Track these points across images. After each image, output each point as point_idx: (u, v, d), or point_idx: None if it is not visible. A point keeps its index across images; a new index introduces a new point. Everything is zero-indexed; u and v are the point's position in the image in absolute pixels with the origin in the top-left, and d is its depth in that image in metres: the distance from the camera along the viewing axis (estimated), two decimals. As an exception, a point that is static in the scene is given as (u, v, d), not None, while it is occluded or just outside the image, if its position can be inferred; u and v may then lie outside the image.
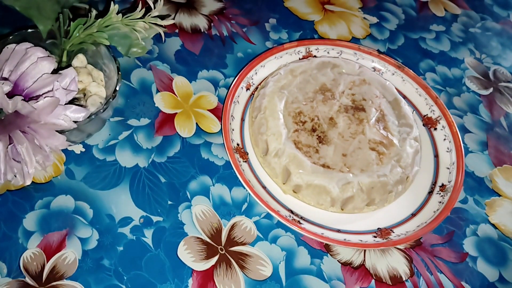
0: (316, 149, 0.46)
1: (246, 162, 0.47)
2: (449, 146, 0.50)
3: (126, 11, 0.44)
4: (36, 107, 0.36)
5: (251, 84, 0.52)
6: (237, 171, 0.44)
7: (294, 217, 0.44)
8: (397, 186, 0.45)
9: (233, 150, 0.46)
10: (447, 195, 0.47)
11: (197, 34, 0.57)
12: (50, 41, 0.43)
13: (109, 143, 0.46)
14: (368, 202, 0.45)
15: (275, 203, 0.45)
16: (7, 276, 0.38)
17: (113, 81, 0.44)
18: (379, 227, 0.45)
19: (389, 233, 0.44)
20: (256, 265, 0.42)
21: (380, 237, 0.44)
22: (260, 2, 0.62)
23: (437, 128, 0.52)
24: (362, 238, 0.43)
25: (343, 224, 0.45)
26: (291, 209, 0.45)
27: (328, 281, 0.43)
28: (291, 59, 0.54)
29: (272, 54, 0.54)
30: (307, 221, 0.44)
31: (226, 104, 0.48)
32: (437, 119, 0.52)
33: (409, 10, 0.67)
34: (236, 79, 0.50)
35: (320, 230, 0.43)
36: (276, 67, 0.54)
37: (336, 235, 0.43)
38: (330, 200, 0.44)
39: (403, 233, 0.44)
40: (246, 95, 0.51)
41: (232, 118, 0.49)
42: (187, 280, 0.40)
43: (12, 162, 0.37)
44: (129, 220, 0.43)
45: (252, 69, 0.52)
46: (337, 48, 0.55)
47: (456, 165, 0.49)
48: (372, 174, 0.44)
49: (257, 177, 0.46)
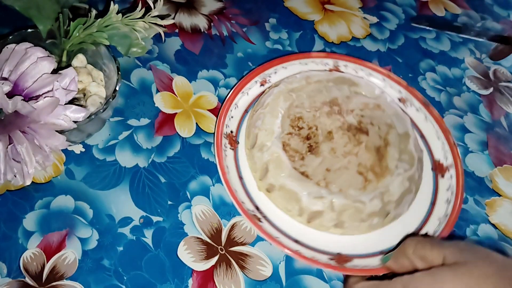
0: (302, 156, 0.45)
1: (232, 150, 0.47)
2: (449, 198, 0.46)
3: (126, 11, 0.43)
4: (36, 107, 0.36)
5: (267, 81, 0.52)
6: (216, 152, 0.43)
7: (257, 214, 0.43)
8: (372, 218, 0.43)
9: (223, 134, 0.46)
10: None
11: (197, 34, 0.57)
12: (50, 41, 0.43)
13: (109, 143, 0.46)
14: (336, 223, 0.42)
15: (243, 194, 0.44)
16: (7, 276, 0.38)
17: (113, 81, 0.44)
18: (339, 252, 0.42)
19: (347, 260, 0.41)
20: (256, 265, 0.42)
21: (336, 262, 0.41)
22: (260, 2, 0.62)
23: (444, 176, 0.48)
24: (316, 255, 0.41)
25: (304, 236, 0.42)
26: (258, 205, 0.44)
27: (328, 281, 0.43)
28: (316, 68, 0.54)
29: (297, 59, 0.53)
30: (268, 221, 0.43)
31: (234, 90, 0.48)
32: (448, 167, 0.48)
33: (409, 10, 0.67)
34: (252, 72, 0.50)
35: (276, 234, 0.42)
36: (298, 72, 0.53)
37: (290, 244, 0.41)
38: (298, 209, 0.43)
39: (362, 265, 0.41)
40: (258, 90, 0.51)
41: (236, 106, 0.49)
42: (187, 280, 0.40)
43: (12, 162, 0.37)
44: (129, 220, 0.43)
45: (272, 66, 0.52)
46: (367, 70, 0.54)
47: (448, 218, 0.44)
48: (349, 196, 0.42)
49: (237, 166, 0.46)
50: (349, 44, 0.60)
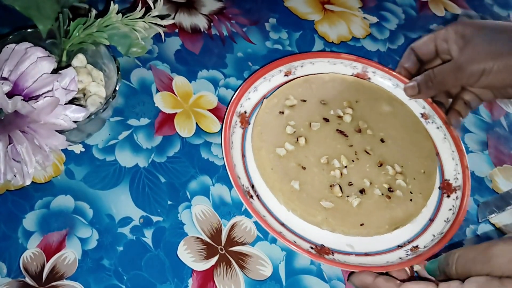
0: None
1: (242, 129, 0.48)
2: (449, 217, 0.46)
3: (126, 11, 0.43)
4: (36, 107, 0.36)
5: (292, 72, 0.53)
6: (224, 124, 0.46)
7: (250, 191, 0.44)
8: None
9: (236, 113, 0.48)
10: (412, 255, 0.42)
11: (197, 34, 0.57)
12: (49, 41, 0.43)
13: (109, 143, 0.46)
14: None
15: (242, 170, 0.45)
16: (7, 276, 0.38)
17: (112, 81, 0.44)
18: (323, 244, 0.43)
19: (328, 253, 0.42)
20: (256, 265, 0.42)
21: (316, 252, 0.42)
22: (260, 2, 0.62)
23: (450, 196, 0.47)
24: (298, 241, 0.42)
25: (291, 222, 0.44)
26: (254, 184, 0.45)
27: (328, 281, 0.43)
28: (344, 70, 0.54)
29: (326, 57, 0.54)
30: (260, 200, 0.44)
31: (256, 74, 0.50)
32: (455, 188, 0.48)
33: (409, 10, 0.67)
34: (278, 60, 0.52)
35: (264, 213, 0.43)
36: (325, 71, 0.54)
37: (275, 224, 0.43)
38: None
39: (342, 260, 0.42)
40: (281, 79, 0.52)
41: (255, 89, 0.50)
42: (187, 280, 0.40)
43: (12, 162, 0.37)
44: (129, 220, 0.43)
45: (300, 59, 0.53)
46: (394, 80, 0.54)
47: (443, 236, 0.44)
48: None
49: (243, 145, 0.47)
50: (349, 44, 0.60)
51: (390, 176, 0.47)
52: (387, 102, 0.52)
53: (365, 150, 0.48)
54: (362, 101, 0.52)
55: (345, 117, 0.50)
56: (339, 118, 0.50)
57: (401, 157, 0.48)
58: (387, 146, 0.49)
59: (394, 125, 0.51)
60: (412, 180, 0.47)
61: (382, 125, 0.50)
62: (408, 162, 0.48)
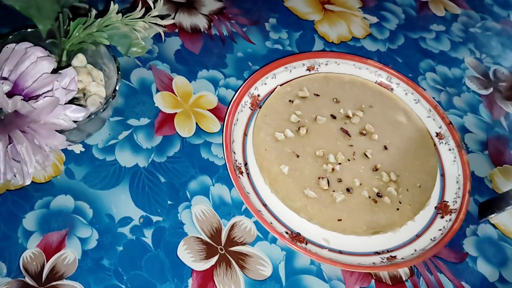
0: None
1: (251, 110, 0.50)
2: (436, 237, 0.45)
3: (126, 10, 0.44)
4: (36, 107, 0.36)
5: (314, 68, 0.54)
6: (233, 101, 0.47)
7: (242, 168, 0.45)
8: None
9: (249, 93, 0.50)
10: (386, 263, 0.42)
11: (197, 33, 0.57)
12: (49, 41, 0.43)
13: (109, 143, 0.46)
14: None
15: (240, 147, 0.47)
16: (7, 276, 0.38)
17: (112, 81, 0.44)
18: (299, 232, 0.43)
19: (302, 242, 0.43)
20: (256, 265, 0.42)
21: (290, 237, 0.42)
22: (260, 2, 0.62)
23: (444, 217, 0.47)
24: (275, 223, 0.43)
25: (273, 205, 0.45)
26: (247, 162, 0.47)
27: (328, 281, 0.43)
28: (369, 76, 0.55)
29: (353, 60, 0.55)
30: (249, 178, 0.45)
31: (276, 63, 0.52)
32: (451, 210, 0.47)
33: (409, 10, 0.67)
34: (302, 54, 0.54)
35: (249, 190, 0.44)
36: (348, 73, 0.54)
37: (257, 203, 0.44)
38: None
39: (314, 251, 0.42)
40: (302, 72, 0.54)
41: (273, 76, 0.52)
42: (187, 280, 0.40)
43: (11, 162, 0.37)
44: (129, 220, 0.43)
45: (325, 57, 0.54)
46: (417, 95, 0.54)
47: (423, 252, 0.43)
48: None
49: (247, 125, 0.49)
50: (349, 44, 0.60)
51: (383, 182, 0.47)
52: (402, 114, 0.52)
53: (365, 153, 0.48)
54: (377, 107, 0.52)
55: (353, 118, 0.50)
56: (347, 118, 0.50)
57: (400, 167, 0.48)
58: (388, 154, 0.49)
59: (401, 136, 0.51)
60: (404, 190, 0.47)
61: (390, 134, 0.50)
62: (406, 173, 0.48)
